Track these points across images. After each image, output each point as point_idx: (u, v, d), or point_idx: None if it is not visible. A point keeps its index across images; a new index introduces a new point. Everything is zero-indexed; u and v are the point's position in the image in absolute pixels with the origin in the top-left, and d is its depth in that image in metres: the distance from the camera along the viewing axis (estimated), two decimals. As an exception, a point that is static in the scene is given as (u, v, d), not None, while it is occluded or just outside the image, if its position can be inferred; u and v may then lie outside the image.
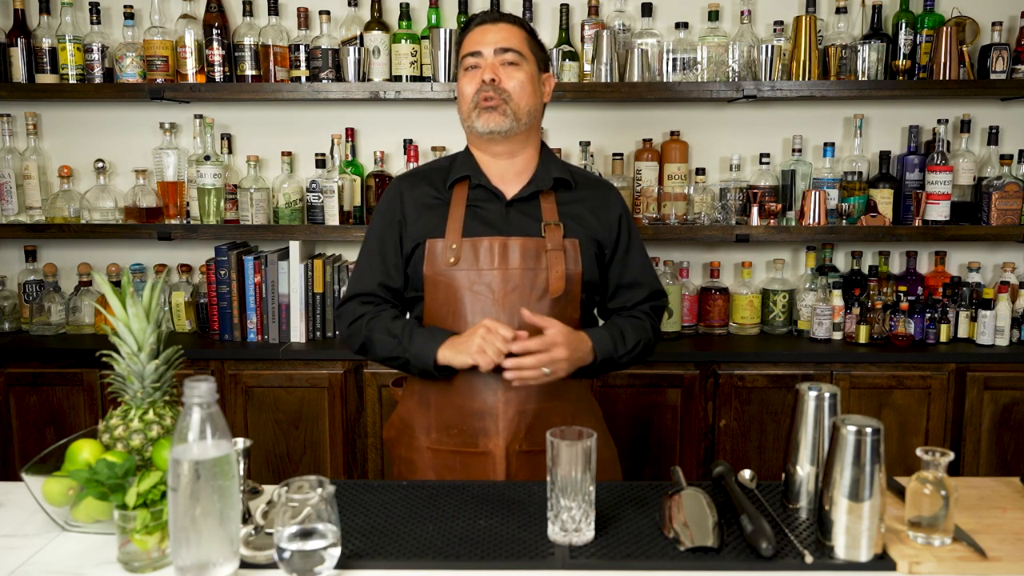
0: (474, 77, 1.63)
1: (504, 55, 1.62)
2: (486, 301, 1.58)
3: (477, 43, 1.64)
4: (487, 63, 1.62)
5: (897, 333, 2.69)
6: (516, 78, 1.63)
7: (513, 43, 1.63)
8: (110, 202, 2.81)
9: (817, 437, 1.28)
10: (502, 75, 1.62)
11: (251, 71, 2.74)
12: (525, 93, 1.63)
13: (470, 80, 1.64)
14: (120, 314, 1.30)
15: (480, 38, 1.64)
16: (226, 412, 2.01)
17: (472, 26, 1.67)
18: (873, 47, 2.71)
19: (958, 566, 1.14)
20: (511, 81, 1.62)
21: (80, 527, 1.25)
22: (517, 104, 1.62)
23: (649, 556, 1.17)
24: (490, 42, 1.63)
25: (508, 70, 1.62)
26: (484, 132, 1.62)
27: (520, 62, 1.63)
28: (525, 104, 1.63)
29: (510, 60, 1.63)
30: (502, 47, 1.62)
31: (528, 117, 1.65)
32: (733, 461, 2.59)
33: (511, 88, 1.62)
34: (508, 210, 1.64)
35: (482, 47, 1.63)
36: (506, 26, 1.65)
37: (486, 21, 1.66)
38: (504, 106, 1.61)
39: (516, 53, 1.63)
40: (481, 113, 1.62)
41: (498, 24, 1.65)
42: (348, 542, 1.20)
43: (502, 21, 1.66)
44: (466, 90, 1.64)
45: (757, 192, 2.75)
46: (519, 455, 1.60)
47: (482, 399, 1.59)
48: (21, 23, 2.76)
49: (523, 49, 1.64)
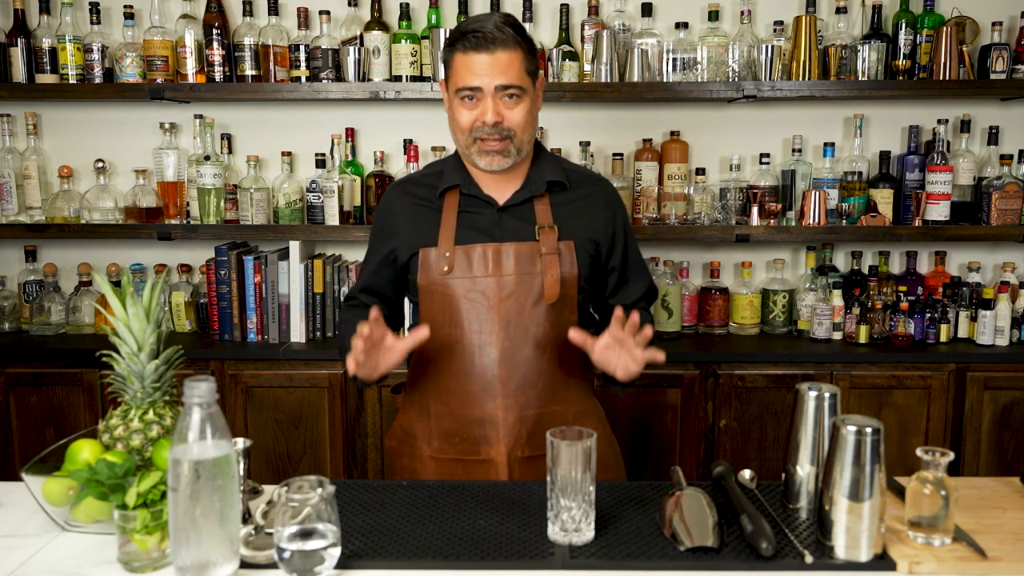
0: (472, 109, 1.56)
1: (505, 91, 1.54)
2: (481, 308, 1.57)
3: (475, 76, 1.53)
4: (488, 103, 1.54)
5: (897, 333, 2.69)
6: (519, 111, 1.56)
7: (513, 76, 1.54)
8: (110, 202, 2.81)
9: (817, 437, 1.28)
10: (504, 111, 1.55)
11: (251, 71, 2.74)
12: (527, 124, 1.58)
13: (468, 111, 1.56)
14: (120, 314, 1.30)
15: (478, 69, 1.53)
16: (226, 412, 2.01)
17: (464, 49, 1.54)
18: (873, 47, 2.71)
19: (958, 566, 1.14)
20: (514, 117, 1.56)
21: (80, 527, 1.25)
22: (520, 139, 1.58)
23: (649, 556, 1.17)
24: (488, 75, 1.52)
25: (510, 104, 1.55)
26: (486, 169, 1.60)
27: (522, 94, 1.56)
28: (527, 135, 1.59)
29: (512, 94, 1.55)
30: (502, 84, 1.53)
31: (528, 144, 1.62)
32: (733, 461, 2.59)
33: (515, 124, 1.56)
34: (501, 215, 1.63)
35: (481, 82, 1.53)
36: (504, 54, 1.53)
37: (480, 48, 1.52)
38: (508, 145, 1.57)
39: (517, 88, 1.55)
40: (483, 154, 1.57)
41: (494, 53, 1.52)
42: (348, 542, 1.20)
43: (497, 48, 1.52)
44: (463, 121, 1.57)
45: (757, 192, 2.75)
46: (521, 461, 1.59)
47: (481, 406, 1.58)
48: (21, 23, 2.76)
49: (522, 79, 1.55)
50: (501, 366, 1.57)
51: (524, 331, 1.57)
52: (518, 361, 1.57)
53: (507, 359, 1.57)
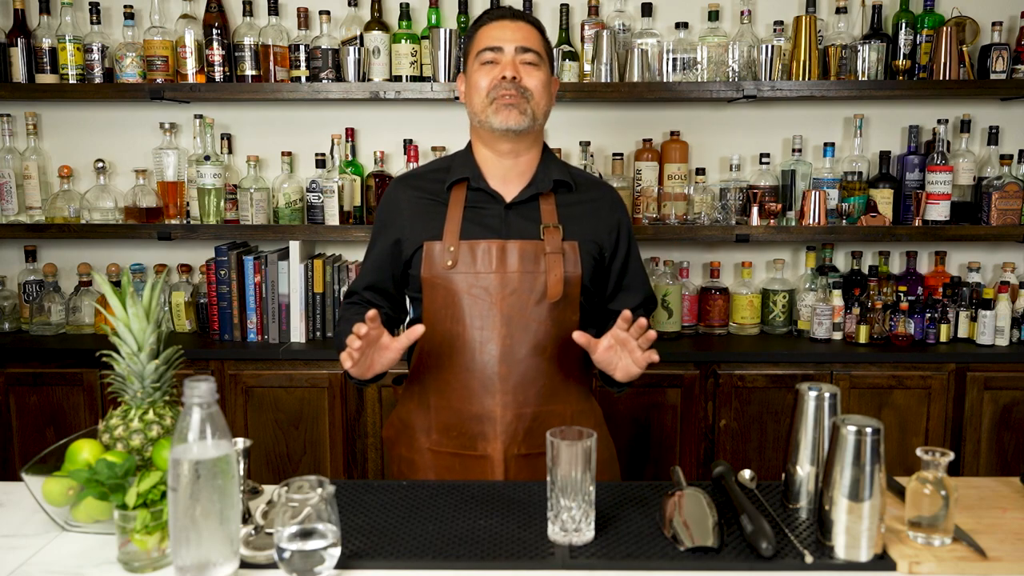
0: (491, 71, 1.60)
1: (525, 55, 1.61)
2: (484, 304, 1.58)
3: (497, 38, 1.61)
4: (507, 60, 1.60)
5: (897, 333, 2.69)
6: (536, 77, 1.61)
7: (533, 43, 1.62)
8: (110, 202, 2.81)
9: (817, 437, 1.28)
10: (523, 73, 1.60)
11: (251, 71, 2.74)
12: (544, 93, 1.63)
13: (486, 74, 1.61)
14: (120, 314, 1.30)
15: (499, 33, 1.61)
16: (226, 412, 2.01)
17: (489, 20, 1.65)
18: (873, 47, 2.71)
19: (958, 566, 1.14)
20: (532, 80, 1.61)
21: (80, 527, 1.25)
22: (537, 103, 1.61)
23: (649, 556, 1.17)
24: (510, 39, 1.61)
25: (528, 69, 1.61)
26: (500, 128, 1.60)
27: (539, 63, 1.63)
28: (543, 104, 1.63)
29: (530, 60, 1.61)
30: (523, 46, 1.61)
31: (543, 118, 1.65)
32: (733, 461, 2.59)
33: (532, 87, 1.60)
34: (507, 212, 1.64)
35: (503, 43, 1.60)
36: (525, 25, 1.64)
37: (505, 17, 1.64)
38: (524, 104, 1.59)
39: (536, 54, 1.62)
40: (499, 109, 1.59)
41: (517, 22, 1.63)
42: (348, 542, 1.20)
43: (521, 20, 1.64)
44: (482, 84, 1.61)
45: (757, 192, 2.75)
46: (518, 459, 1.59)
47: (479, 402, 1.59)
48: (21, 23, 2.76)
49: (541, 51, 1.64)
50: (501, 363, 1.57)
51: (525, 329, 1.57)
52: (518, 359, 1.58)
53: (508, 356, 1.57)
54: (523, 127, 1.60)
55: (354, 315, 1.65)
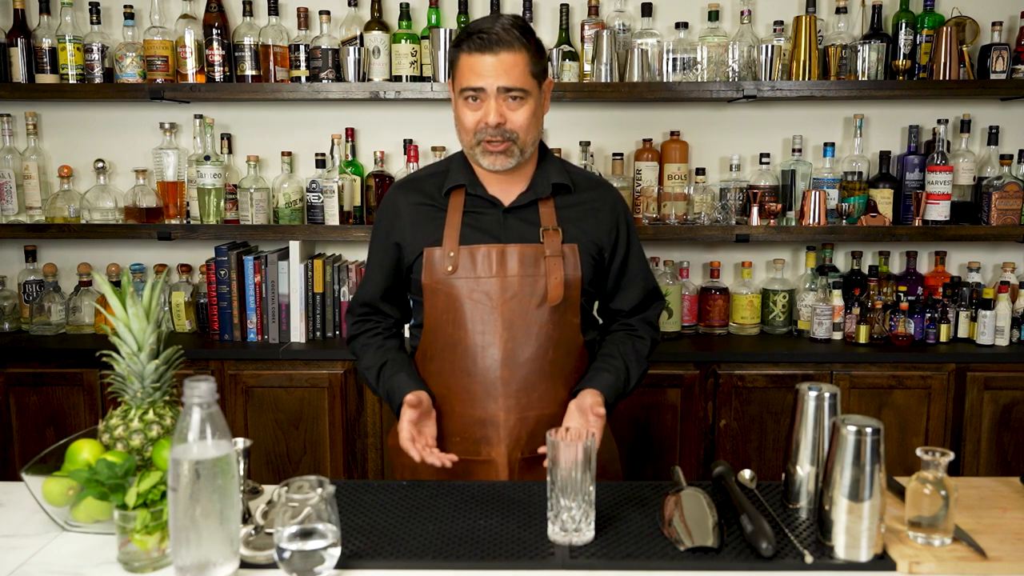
0: (476, 110, 1.56)
1: (508, 93, 1.54)
2: (485, 309, 1.57)
3: (478, 76, 1.53)
4: (490, 103, 1.54)
5: (897, 333, 2.69)
6: (522, 113, 1.55)
7: (516, 78, 1.53)
8: (110, 202, 2.81)
9: (817, 437, 1.28)
10: (507, 113, 1.55)
11: (251, 71, 2.74)
12: (530, 126, 1.58)
13: (471, 111, 1.56)
14: (120, 314, 1.30)
15: (481, 69, 1.53)
16: (226, 412, 2.01)
17: (469, 49, 1.54)
18: (873, 47, 2.71)
19: (958, 566, 1.14)
20: (518, 117, 1.55)
21: (80, 527, 1.25)
22: (523, 141, 1.58)
23: (649, 556, 1.17)
24: (492, 77, 1.52)
25: (513, 105, 1.55)
26: (489, 168, 1.60)
27: (525, 97, 1.55)
28: (531, 137, 1.59)
29: (514, 96, 1.54)
30: (505, 86, 1.53)
31: (533, 146, 1.62)
32: (733, 461, 2.59)
33: (517, 126, 1.56)
34: (506, 217, 1.63)
35: (484, 83, 1.53)
36: (507, 55, 1.52)
37: (485, 50, 1.52)
38: (511, 146, 1.56)
39: (520, 90, 1.54)
40: (486, 154, 1.57)
41: (498, 55, 1.52)
42: (348, 542, 1.20)
43: (502, 49, 1.52)
44: (467, 122, 1.57)
45: (757, 192, 2.75)
46: (522, 462, 1.60)
47: (483, 407, 1.59)
48: (21, 23, 2.76)
49: (526, 81, 1.55)
50: (504, 367, 1.57)
51: (527, 332, 1.57)
52: (520, 362, 1.58)
53: (510, 360, 1.57)
54: (510, 167, 1.59)
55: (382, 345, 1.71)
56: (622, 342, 1.71)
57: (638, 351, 1.70)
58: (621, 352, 1.68)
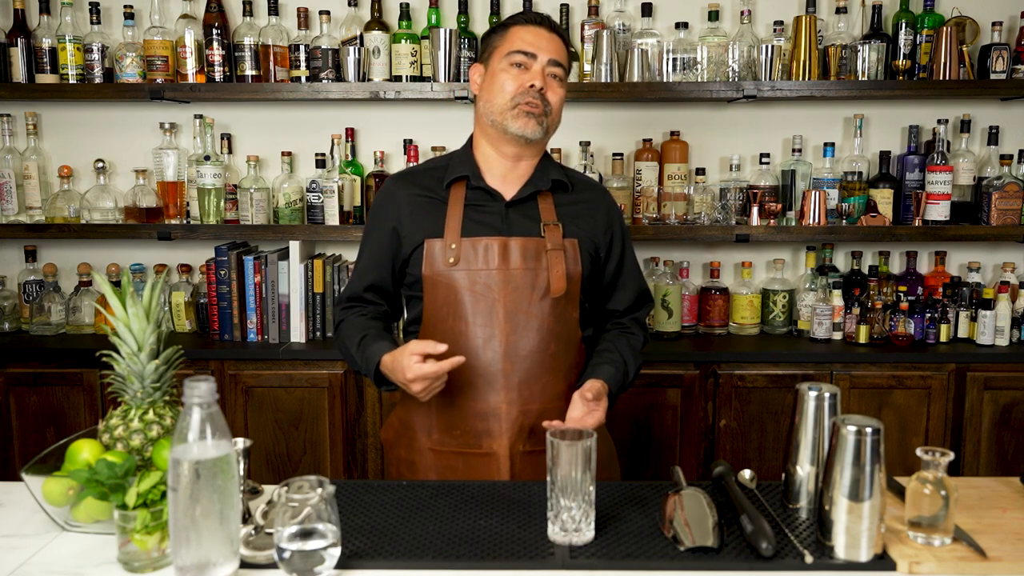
0: (519, 76, 1.61)
1: (555, 68, 1.62)
2: (486, 301, 1.58)
3: (532, 44, 1.61)
4: (537, 68, 1.61)
5: (897, 333, 2.69)
6: (559, 94, 1.64)
7: (563, 59, 1.64)
8: (110, 202, 2.81)
9: (817, 437, 1.28)
10: (548, 87, 1.62)
11: (251, 71, 2.74)
12: (560, 111, 1.66)
13: (514, 78, 1.61)
14: (120, 314, 1.30)
15: (535, 40, 1.62)
16: (226, 412, 2.01)
17: (526, 22, 1.64)
18: (873, 47, 2.71)
19: (958, 566, 1.14)
20: (555, 96, 1.63)
21: (80, 527, 1.25)
22: (554, 118, 1.65)
23: (649, 556, 1.17)
24: (545, 49, 1.61)
25: (553, 84, 1.63)
26: (515, 134, 1.61)
27: (563, 81, 1.65)
28: (556, 119, 1.66)
29: (557, 75, 1.63)
30: (555, 60, 1.62)
31: (555, 129, 1.68)
32: (733, 461, 2.59)
33: (554, 102, 1.63)
34: (508, 211, 1.64)
35: (538, 51, 1.61)
36: (558, 39, 1.65)
37: (543, 24, 1.64)
38: (544, 117, 1.61)
39: (564, 71, 1.64)
40: (520, 116, 1.60)
41: (553, 34, 1.64)
42: (348, 542, 1.20)
43: (556, 33, 1.65)
44: (507, 86, 1.61)
45: (757, 192, 2.75)
46: (523, 455, 1.60)
47: (484, 399, 1.59)
48: (21, 23, 2.76)
49: (567, 69, 1.66)
50: (505, 359, 1.57)
51: (528, 325, 1.58)
52: (522, 355, 1.58)
53: (511, 353, 1.58)
54: (537, 137, 1.62)
55: (354, 323, 1.66)
56: (617, 338, 1.74)
57: (633, 346, 1.74)
58: (618, 347, 1.70)
